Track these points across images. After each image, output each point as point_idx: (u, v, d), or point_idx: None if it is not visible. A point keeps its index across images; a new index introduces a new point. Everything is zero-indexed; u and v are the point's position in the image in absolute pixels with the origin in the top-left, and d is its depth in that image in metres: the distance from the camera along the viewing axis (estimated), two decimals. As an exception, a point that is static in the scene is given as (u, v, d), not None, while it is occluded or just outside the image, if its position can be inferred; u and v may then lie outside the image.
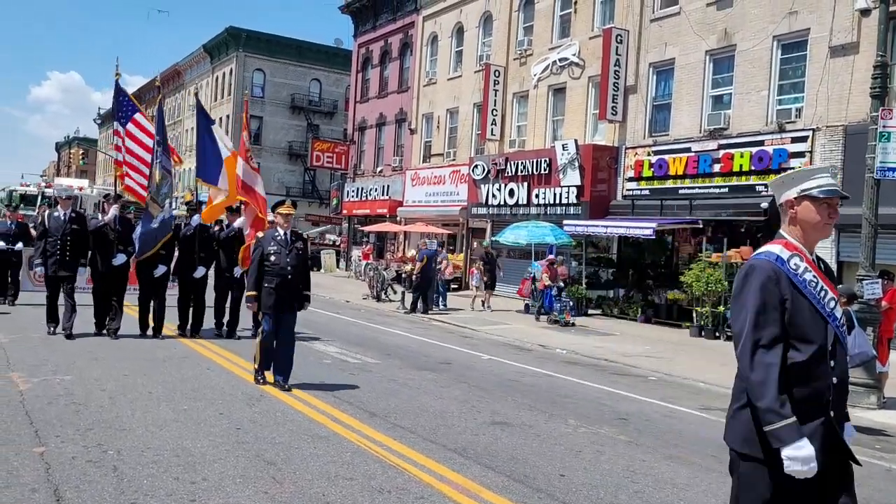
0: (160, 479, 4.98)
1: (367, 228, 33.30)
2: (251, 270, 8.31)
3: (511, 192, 23.55)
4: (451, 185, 27.82)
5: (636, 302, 19.52)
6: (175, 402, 7.16)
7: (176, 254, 11.57)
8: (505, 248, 24.24)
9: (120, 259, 10.81)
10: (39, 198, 34.55)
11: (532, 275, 20.28)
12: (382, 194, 32.52)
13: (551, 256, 19.03)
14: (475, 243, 26.92)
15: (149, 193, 11.37)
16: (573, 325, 17.21)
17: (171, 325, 11.52)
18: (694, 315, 16.68)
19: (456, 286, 25.48)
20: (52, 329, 10.64)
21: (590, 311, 20.15)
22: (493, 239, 22.32)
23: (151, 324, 11.18)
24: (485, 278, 20.37)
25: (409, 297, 19.43)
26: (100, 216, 11.18)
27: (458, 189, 27.17)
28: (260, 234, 8.58)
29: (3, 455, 5.26)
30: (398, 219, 30.49)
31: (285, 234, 8.29)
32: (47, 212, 10.85)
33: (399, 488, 5.17)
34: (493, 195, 24.33)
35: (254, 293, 8.17)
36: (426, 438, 6.51)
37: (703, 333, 16.24)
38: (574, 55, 22.73)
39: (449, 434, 6.76)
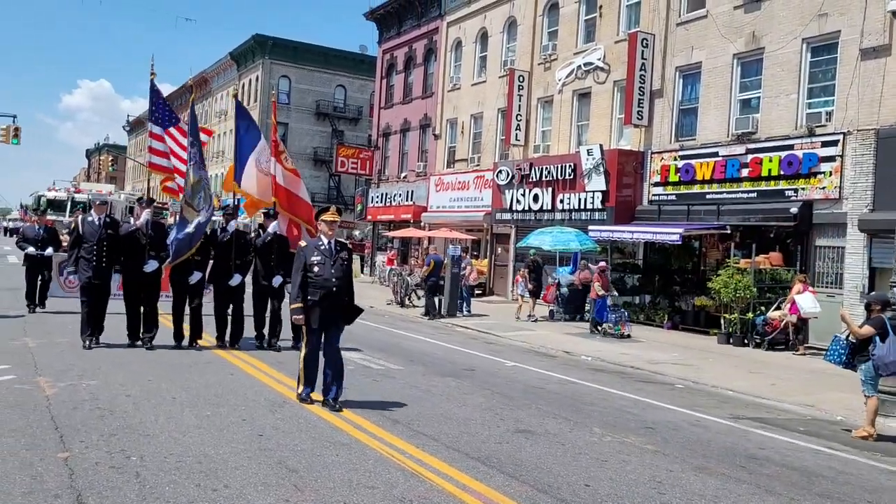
0: (182, 486, 4.97)
1: (391, 234, 33.33)
2: (294, 281, 7.66)
3: (535, 198, 23.43)
4: (475, 190, 27.75)
5: (662, 308, 19.28)
6: (198, 407, 7.17)
7: (211, 261, 11.08)
8: (529, 253, 24.12)
9: (152, 265, 10.34)
10: (69, 203, 34.44)
11: (557, 281, 20.13)
12: (406, 200, 32.54)
13: (602, 264, 17.85)
14: (499, 248, 26.82)
15: (183, 197, 10.93)
16: (629, 336, 16.17)
17: (208, 336, 11.04)
18: (722, 322, 16.43)
19: (480, 292, 25.38)
20: (88, 343, 10.12)
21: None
22: (521, 245, 22.14)
23: (187, 334, 10.74)
24: (530, 286, 19.31)
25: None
26: (131, 220, 10.69)
27: (482, 194, 27.10)
28: (303, 243, 7.89)
29: (27, 460, 5.29)
30: (422, 224, 30.47)
31: (329, 243, 7.69)
32: (81, 217, 10.40)
33: (421, 497, 5.11)
34: (518, 200, 24.22)
35: (300, 305, 7.54)
36: (449, 446, 6.44)
37: (731, 340, 15.99)
38: (599, 60, 22.57)
39: (472, 442, 6.68)
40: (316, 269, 7.51)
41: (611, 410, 8.75)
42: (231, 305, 10.96)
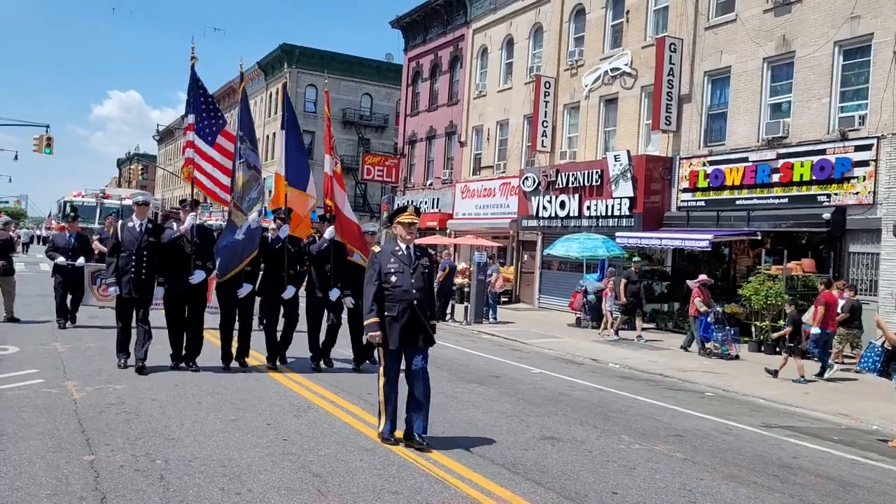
0: (206, 490, 4.96)
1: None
2: (367, 292, 6.56)
3: (562, 204, 23.29)
4: (501, 197, 27.67)
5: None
6: (223, 412, 7.18)
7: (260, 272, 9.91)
8: (556, 261, 24.00)
9: (198, 276, 9.13)
10: (98, 209, 33.51)
11: (584, 287, 19.95)
12: (432, 207, 32.55)
13: (703, 277, 15.63)
14: (525, 255, 26.68)
15: (231, 199, 9.48)
16: (737, 357, 14.58)
17: (256, 353, 10.05)
18: (752, 329, 16.16)
19: (506, 299, 25.26)
20: (123, 361, 9.10)
21: (644, 326, 19.71)
22: (547, 252, 21.96)
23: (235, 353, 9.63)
24: (625, 300, 17.11)
25: (458, 309, 19.68)
26: (174, 226, 9.36)
27: (508, 201, 27.01)
28: (376, 249, 6.85)
29: (54, 462, 5.32)
30: (448, 231, 30.45)
31: (408, 248, 6.63)
32: (120, 222, 9.27)
33: (445, 503, 5.05)
34: (544, 207, 24.09)
35: (376, 320, 6.41)
36: (474, 452, 6.37)
37: (762, 348, 15.71)
38: (626, 65, 22.41)
39: (497, 448, 6.60)
40: (393, 278, 6.47)
41: (639, 418, 8.61)
42: (284, 320, 9.89)
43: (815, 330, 12.37)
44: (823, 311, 12.35)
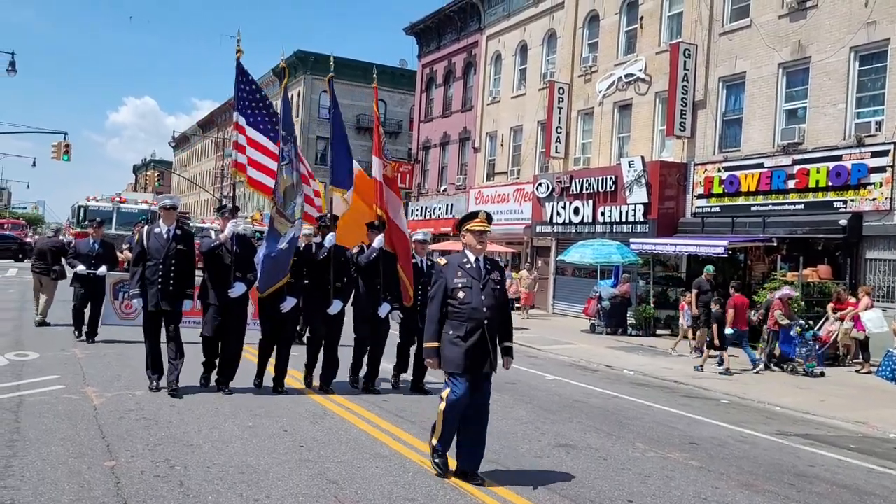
0: (225, 496, 5.02)
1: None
2: (431, 312, 5.84)
3: (576, 210, 23.28)
4: (514, 203, 27.70)
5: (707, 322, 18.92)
6: (240, 418, 7.24)
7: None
8: (570, 267, 23.98)
9: (238, 289, 8.31)
10: (114, 214, 32.39)
11: (598, 294, 19.92)
12: (446, 213, 32.62)
13: (787, 290, 14.51)
14: (539, 262, 26.67)
15: (274, 205, 8.63)
16: (822, 375, 13.50)
17: (294, 371, 9.22)
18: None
19: (519, 306, 25.22)
20: (155, 384, 8.22)
21: (658, 332, 19.66)
22: (561, 258, 21.94)
23: (272, 373, 8.68)
24: (695, 312, 15.83)
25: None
26: (212, 234, 8.57)
27: (521, 207, 27.03)
28: (442, 261, 6.03)
29: (76, 468, 5.40)
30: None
31: (477, 261, 5.82)
32: (146, 228, 8.46)
33: (461, 511, 5.08)
34: (558, 213, 24.09)
35: (436, 345, 5.76)
36: (489, 460, 6.38)
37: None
38: (640, 71, 22.40)
39: (512, 455, 6.63)
40: (461, 294, 5.72)
41: (654, 425, 8.60)
42: (325, 338, 8.96)
43: (728, 330, 13.50)
44: (733, 313, 13.60)
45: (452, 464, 5.86)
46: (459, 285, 5.73)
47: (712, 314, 13.81)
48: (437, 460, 5.83)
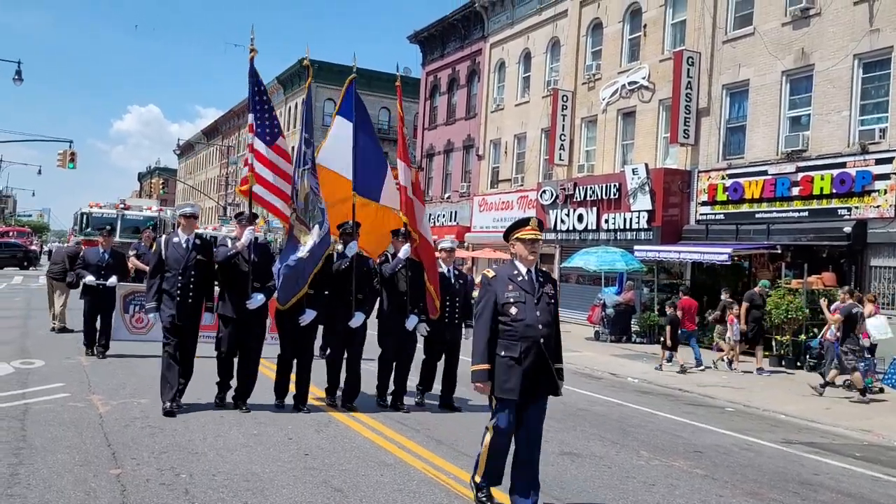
0: (230, 504, 5.03)
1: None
2: (478, 330, 5.20)
3: (580, 218, 23.30)
4: (518, 210, 27.71)
5: (710, 330, 18.91)
6: (245, 426, 7.26)
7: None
8: (574, 274, 23.98)
9: (257, 300, 7.82)
10: (118, 221, 31.40)
11: (602, 301, 19.92)
12: (450, 220, 32.67)
13: (841, 304, 13.11)
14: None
15: (293, 211, 8.22)
16: (881, 391, 12.56)
17: (315, 388, 8.66)
18: (773, 344, 16.05)
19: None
20: (171, 406, 7.56)
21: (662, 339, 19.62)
22: (565, 266, 21.93)
23: (293, 390, 8.20)
24: (745, 326, 15.00)
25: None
26: (229, 242, 8.05)
27: (525, 214, 27.04)
28: (490, 273, 5.33)
29: (82, 476, 5.42)
30: (465, 244, 30.52)
31: (529, 272, 5.25)
32: (164, 237, 8.06)
33: (466, 519, 5.08)
34: (562, 220, 24.11)
35: (486, 367, 5.06)
36: (494, 468, 6.40)
37: (783, 363, 15.61)
38: (644, 79, 22.45)
39: (517, 464, 6.62)
40: (513, 310, 5.09)
41: (658, 433, 8.60)
42: (347, 352, 8.45)
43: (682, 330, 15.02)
44: (682, 314, 15.16)
45: (500, 496, 5.30)
46: (511, 300, 5.10)
47: (667, 316, 15.14)
48: (480, 494, 5.24)
